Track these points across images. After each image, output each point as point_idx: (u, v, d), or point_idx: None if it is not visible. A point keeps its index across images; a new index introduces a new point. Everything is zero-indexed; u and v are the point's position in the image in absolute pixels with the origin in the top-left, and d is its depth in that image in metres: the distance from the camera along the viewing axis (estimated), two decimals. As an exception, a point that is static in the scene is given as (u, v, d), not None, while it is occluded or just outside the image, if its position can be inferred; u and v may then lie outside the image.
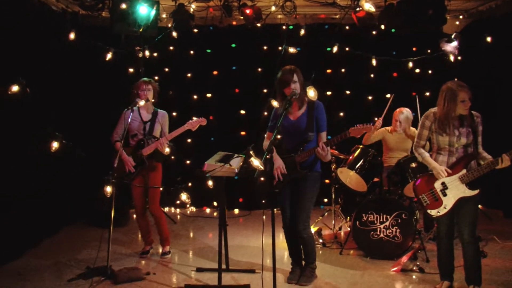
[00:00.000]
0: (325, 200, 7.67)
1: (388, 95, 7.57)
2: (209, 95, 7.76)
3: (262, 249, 4.34)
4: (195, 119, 5.19)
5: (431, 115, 4.17)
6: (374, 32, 7.47)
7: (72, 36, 6.19)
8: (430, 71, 7.67)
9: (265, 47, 7.63)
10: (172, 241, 5.74)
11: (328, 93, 7.59)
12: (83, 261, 5.13)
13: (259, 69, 7.67)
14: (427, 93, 7.55)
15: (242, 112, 7.71)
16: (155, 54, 7.51)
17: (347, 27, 7.48)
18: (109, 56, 6.56)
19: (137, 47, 6.73)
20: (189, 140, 7.63)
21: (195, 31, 7.53)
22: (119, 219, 6.53)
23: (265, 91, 7.50)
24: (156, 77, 7.42)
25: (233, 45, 7.71)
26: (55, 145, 4.99)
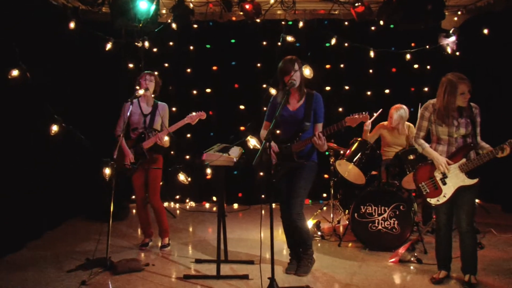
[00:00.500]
0: (324, 195, 7.70)
1: (387, 91, 7.65)
2: (208, 90, 7.79)
3: (260, 240, 4.38)
4: (194, 113, 5.22)
5: (430, 106, 4.22)
6: (373, 27, 7.50)
7: (72, 25, 6.21)
8: (428, 67, 7.71)
9: (265, 43, 7.66)
10: (171, 235, 5.77)
11: (327, 89, 7.62)
12: (83, 253, 5.16)
13: (259, 65, 7.70)
14: (426, 88, 7.59)
15: (241, 107, 7.74)
16: (155, 49, 7.55)
17: (346, 22, 7.51)
18: (108, 46, 6.57)
19: (137, 39, 6.75)
20: (189, 135, 7.67)
21: (195, 26, 7.57)
22: (119, 213, 6.57)
23: (264, 86, 7.53)
24: (155, 73, 7.45)
25: (233, 41, 7.74)
26: (55, 128, 4.97)
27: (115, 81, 7.16)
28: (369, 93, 7.75)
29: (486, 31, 6.86)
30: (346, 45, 7.25)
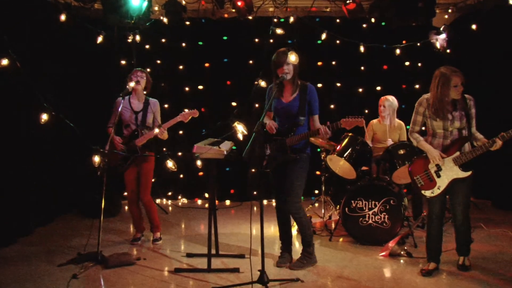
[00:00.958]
0: (316, 191, 7.72)
1: (378, 88, 7.69)
2: (201, 87, 7.80)
3: (250, 232, 4.41)
4: (187, 110, 5.23)
5: (424, 101, 4.29)
6: (364, 25, 7.54)
7: (63, 17, 6.18)
8: (419, 64, 7.75)
9: (257, 40, 7.67)
10: (163, 230, 5.79)
11: (319, 85, 7.64)
12: (74, 248, 5.15)
13: (251, 62, 7.71)
14: (417, 86, 7.64)
15: (233, 104, 7.76)
16: (147, 46, 7.56)
17: (337, 20, 7.55)
18: (100, 39, 6.54)
19: (128, 33, 6.75)
20: (181, 132, 7.67)
21: (187, 23, 7.57)
22: (110, 209, 6.58)
23: (256, 83, 7.54)
24: (148, 69, 7.46)
25: (225, 38, 7.75)
26: (44, 117, 4.95)
27: (107, 77, 7.15)
28: (360, 90, 7.78)
29: (475, 28, 6.89)
30: (337, 42, 7.29)
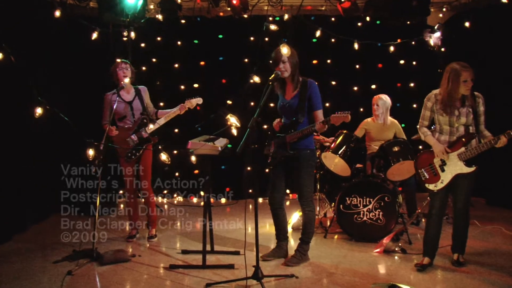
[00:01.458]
0: (312, 189, 7.73)
1: (373, 86, 7.72)
2: (196, 86, 7.80)
3: (245, 227, 4.46)
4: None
5: (432, 96, 4.35)
6: (359, 23, 7.57)
7: (57, 13, 6.17)
8: (414, 62, 7.79)
9: (252, 38, 7.69)
10: (158, 227, 5.80)
11: (314, 84, 7.67)
12: (69, 245, 5.14)
13: (246, 60, 7.72)
14: (412, 84, 7.68)
15: (229, 102, 7.77)
16: (142, 44, 7.56)
17: (332, 18, 7.57)
18: (94, 35, 6.52)
19: (123, 28, 6.74)
20: (176, 130, 7.67)
21: (183, 21, 7.58)
22: (106, 207, 6.57)
23: (252, 81, 7.56)
24: (143, 67, 7.49)
25: (221, 36, 7.77)
26: (39, 111, 4.95)
27: (102, 76, 7.12)
28: (355, 88, 7.81)
29: (469, 27, 6.93)
30: (333, 40, 7.31)
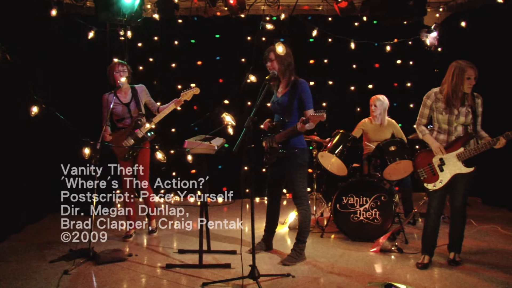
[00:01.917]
0: (308, 189, 7.71)
1: (370, 86, 7.72)
2: (193, 85, 7.77)
3: (241, 227, 4.48)
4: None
5: (432, 94, 4.37)
6: (356, 23, 7.57)
7: (54, 12, 6.15)
8: (411, 62, 7.81)
9: (249, 38, 7.68)
10: (158, 227, 5.78)
11: (311, 83, 7.65)
12: (65, 245, 5.12)
13: (243, 59, 7.71)
14: (409, 84, 7.70)
15: (226, 102, 7.77)
16: (139, 44, 7.55)
17: (329, 18, 7.58)
18: (91, 35, 6.51)
19: (119, 28, 6.73)
20: (173, 129, 7.67)
21: (180, 21, 7.57)
22: (102, 206, 6.54)
23: (249, 81, 7.56)
24: (140, 67, 7.48)
25: (217, 36, 7.76)
26: (35, 109, 4.93)
27: (99, 75, 7.12)
28: (352, 88, 7.82)
29: (465, 27, 6.95)
30: (330, 40, 7.31)
